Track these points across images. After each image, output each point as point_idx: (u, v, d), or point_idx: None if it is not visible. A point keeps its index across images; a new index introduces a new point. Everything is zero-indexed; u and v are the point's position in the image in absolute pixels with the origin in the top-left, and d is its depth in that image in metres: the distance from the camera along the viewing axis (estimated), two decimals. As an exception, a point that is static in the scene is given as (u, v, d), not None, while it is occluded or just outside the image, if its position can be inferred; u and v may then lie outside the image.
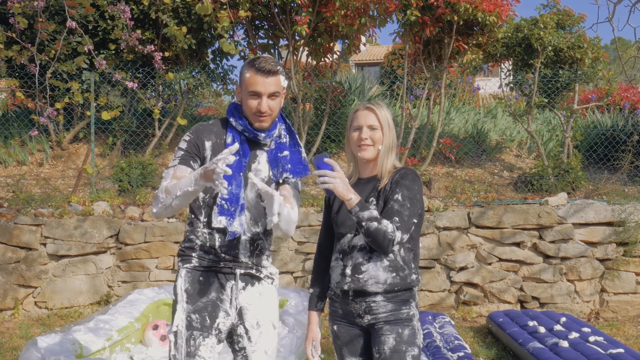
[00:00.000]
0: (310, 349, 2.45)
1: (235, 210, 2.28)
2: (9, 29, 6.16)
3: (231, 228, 2.27)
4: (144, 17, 7.25)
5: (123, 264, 6.08)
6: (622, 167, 7.24)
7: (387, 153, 2.34)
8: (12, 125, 7.72)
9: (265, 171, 2.38)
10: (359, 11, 6.57)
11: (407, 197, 2.24)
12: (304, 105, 7.57)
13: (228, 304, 2.33)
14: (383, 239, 2.15)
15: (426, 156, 7.30)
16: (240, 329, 2.36)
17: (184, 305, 2.28)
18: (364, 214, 2.16)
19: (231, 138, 2.32)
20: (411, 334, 2.26)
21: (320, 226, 6.12)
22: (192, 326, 2.25)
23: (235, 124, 2.34)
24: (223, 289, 2.33)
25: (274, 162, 2.40)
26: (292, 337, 3.97)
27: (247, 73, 2.28)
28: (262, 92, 2.26)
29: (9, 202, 6.28)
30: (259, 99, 2.27)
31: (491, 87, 10.89)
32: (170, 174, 2.29)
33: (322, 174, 2.16)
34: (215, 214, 2.27)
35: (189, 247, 2.35)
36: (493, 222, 6.05)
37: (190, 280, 2.31)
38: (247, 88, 2.28)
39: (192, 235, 2.35)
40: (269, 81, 2.25)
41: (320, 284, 2.46)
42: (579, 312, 6.01)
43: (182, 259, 2.37)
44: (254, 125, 2.31)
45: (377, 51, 26.00)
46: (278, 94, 2.30)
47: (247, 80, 2.27)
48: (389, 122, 2.35)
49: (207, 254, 2.33)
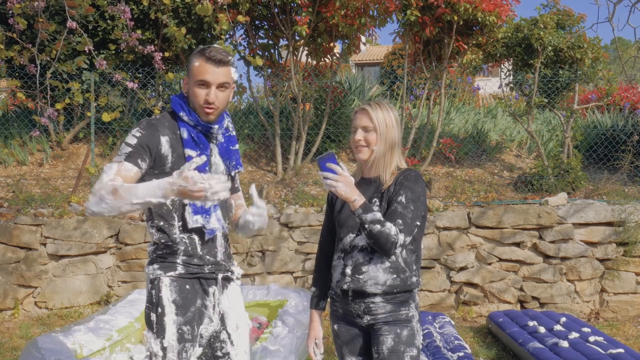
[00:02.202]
0: (312, 347, 2.46)
1: (210, 206, 2.24)
2: (9, 29, 6.17)
3: (209, 225, 2.24)
4: (144, 17, 7.26)
5: (123, 264, 6.08)
6: (622, 167, 7.24)
7: (384, 154, 2.30)
8: (12, 126, 7.72)
9: (221, 164, 2.34)
10: (359, 11, 6.58)
11: (410, 199, 2.22)
12: (304, 105, 7.58)
13: (211, 310, 2.30)
14: (386, 241, 2.15)
15: (426, 156, 7.30)
16: (223, 334, 2.35)
17: (174, 317, 2.20)
18: (367, 216, 2.15)
19: (186, 133, 2.22)
20: (410, 335, 2.26)
21: (320, 226, 6.15)
22: (184, 338, 2.20)
23: (187, 119, 2.23)
24: (207, 294, 2.29)
25: (225, 155, 2.35)
26: (292, 337, 3.97)
27: (196, 62, 2.19)
28: (211, 82, 2.18)
29: (9, 202, 6.29)
30: (208, 89, 2.19)
31: (491, 87, 10.90)
32: (113, 170, 2.10)
33: (325, 175, 2.15)
34: (189, 214, 2.21)
35: (170, 253, 2.24)
36: (493, 222, 6.06)
37: (178, 290, 2.22)
38: (195, 77, 2.19)
39: (170, 242, 2.24)
40: (219, 71, 2.17)
41: (322, 283, 2.46)
42: (579, 312, 6.02)
43: (162, 266, 2.23)
44: (201, 117, 2.22)
45: (377, 51, 26.00)
46: (227, 85, 2.22)
47: (195, 69, 2.18)
48: (387, 123, 2.29)
49: (192, 257, 2.25)
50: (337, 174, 2.15)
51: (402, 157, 2.37)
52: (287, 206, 6.38)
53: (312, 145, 7.40)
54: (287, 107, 7.65)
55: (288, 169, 7.24)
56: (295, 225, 6.10)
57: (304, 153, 7.47)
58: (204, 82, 2.18)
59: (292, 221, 6.11)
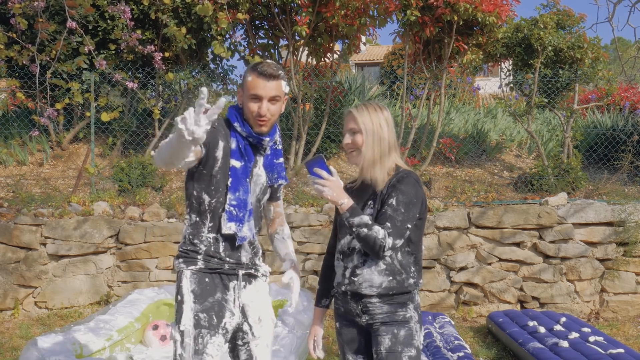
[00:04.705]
0: (312, 344, 2.47)
1: (244, 215, 2.34)
2: (9, 29, 6.17)
3: (241, 233, 2.34)
4: (144, 17, 7.25)
5: (123, 264, 6.08)
6: (622, 167, 7.24)
7: (377, 155, 2.25)
8: (12, 125, 7.72)
9: (263, 176, 2.45)
10: (359, 11, 6.58)
11: (401, 201, 2.20)
12: (304, 105, 7.58)
13: (232, 304, 2.38)
14: (373, 244, 2.14)
15: (426, 156, 7.30)
16: (245, 325, 2.43)
17: (192, 305, 2.31)
18: (355, 219, 2.15)
19: (235, 143, 2.34)
20: (408, 335, 2.25)
21: (319, 226, 6.16)
22: (200, 324, 2.29)
23: (240, 130, 2.35)
24: (227, 289, 2.38)
25: (269, 168, 2.46)
26: (292, 337, 3.97)
27: (249, 77, 2.31)
28: (263, 96, 2.29)
29: (9, 202, 6.29)
30: (260, 102, 2.30)
31: (491, 87, 10.89)
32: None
33: (313, 180, 2.17)
34: (224, 221, 2.32)
35: (193, 251, 2.36)
36: (493, 222, 6.06)
37: (197, 282, 2.34)
38: (248, 91, 2.31)
39: (196, 240, 2.36)
40: (270, 85, 2.28)
41: (326, 282, 2.48)
42: (579, 312, 6.02)
43: (185, 260, 2.37)
44: (254, 129, 2.34)
45: (377, 51, 26.00)
46: (279, 98, 2.33)
47: (248, 84, 2.31)
48: (374, 123, 2.25)
49: (212, 257, 2.36)
50: (324, 179, 2.16)
51: (400, 157, 2.35)
52: (287, 206, 6.38)
53: (312, 145, 7.40)
54: (287, 107, 7.65)
55: (288, 169, 7.24)
56: (296, 225, 6.10)
57: (304, 153, 7.47)
58: (256, 96, 2.29)
59: (292, 221, 6.11)
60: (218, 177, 2.31)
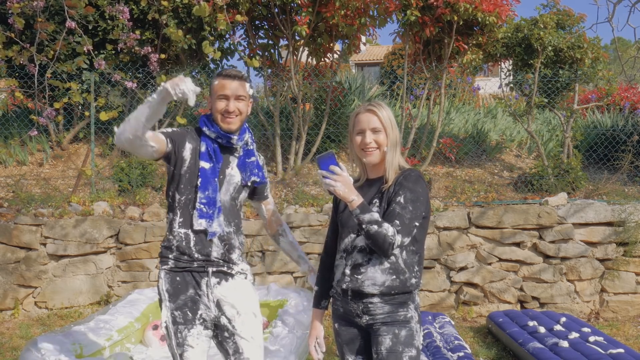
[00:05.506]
0: (314, 345, 2.46)
1: (214, 212, 2.52)
2: (8, 29, 6.17)
3: (211, 229, 2.51)
4: (144, 17, 7.25)
5: (123, 264, 6.08)
6: (622, 167, 7.24)
7: (393, 153, 2.32)
8: (12, 125, 7.72)
9: (237, 176, 2.63)
10: (359, 11, 6.57)
11: (409, 199, 2.21)
12: (304, 105, 7.57)
13: (206, 298, 2.54)
14: (383, 242, 2.14)
15: (426, 156, 7.30)
16: (223, 319, 2.55)
17: (167, 303, 2.52)
18: (365, 216, 2.15)
19: (205, 146, 2.54)
20: (408, 335, 2.25)
21: (319, 226, 6.15)
22: (177, 321, 2.50)
23: (209, 132, 2.55)
24: (198, 286, 2.54)
25: (242, 167, 2.65)
26: (292, 337, 3.96)
27: (215, 81, 2.55)
28: (229, 95, 2.52)
29: (9, 202, 6.29)
30: (227, 101, 2.52)
31: (491, 87, 10.90)
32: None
33: (324, 174, 2.16)
34: (195, 217, 2.49)
35: (167, 247, 2.55)
36: (493, 222, 6.05)
37: (170, 281, 2.53)
38: (216, 93, 2.54)
39: (170, 236, 2.55)
40: (235, 84, 2.52)
41: (325, 282, 2.47)
42: (579, 312, 6.01)
43: (161, 260, 2.57)
44: (223, 127, 2.54)
45: (377, 51, 26.00)
46: (244, 97, 2.55)
47: (215, 87, 2.54)
48: (392, 122, 2.32)
49: (183, 254, 2.52)
50: (336, 174, 2.16)
51: (402, 156, 2.37)
52: (287, 206, 6.38)
53: (312, 145, 7.40)
54: (287, 107, 7.65)
55: (288, 169, 7.24)
56: (295, 225, 6.10)
57: (304, 153, 7.47)
58: (223, 95, 2.53)
59: (292, 221, 6.10)
60: (187, 176, 2.51)
